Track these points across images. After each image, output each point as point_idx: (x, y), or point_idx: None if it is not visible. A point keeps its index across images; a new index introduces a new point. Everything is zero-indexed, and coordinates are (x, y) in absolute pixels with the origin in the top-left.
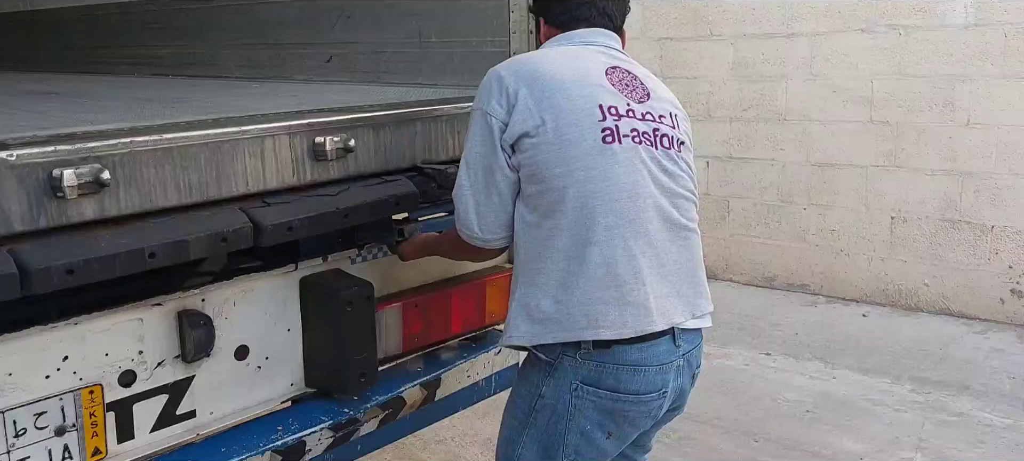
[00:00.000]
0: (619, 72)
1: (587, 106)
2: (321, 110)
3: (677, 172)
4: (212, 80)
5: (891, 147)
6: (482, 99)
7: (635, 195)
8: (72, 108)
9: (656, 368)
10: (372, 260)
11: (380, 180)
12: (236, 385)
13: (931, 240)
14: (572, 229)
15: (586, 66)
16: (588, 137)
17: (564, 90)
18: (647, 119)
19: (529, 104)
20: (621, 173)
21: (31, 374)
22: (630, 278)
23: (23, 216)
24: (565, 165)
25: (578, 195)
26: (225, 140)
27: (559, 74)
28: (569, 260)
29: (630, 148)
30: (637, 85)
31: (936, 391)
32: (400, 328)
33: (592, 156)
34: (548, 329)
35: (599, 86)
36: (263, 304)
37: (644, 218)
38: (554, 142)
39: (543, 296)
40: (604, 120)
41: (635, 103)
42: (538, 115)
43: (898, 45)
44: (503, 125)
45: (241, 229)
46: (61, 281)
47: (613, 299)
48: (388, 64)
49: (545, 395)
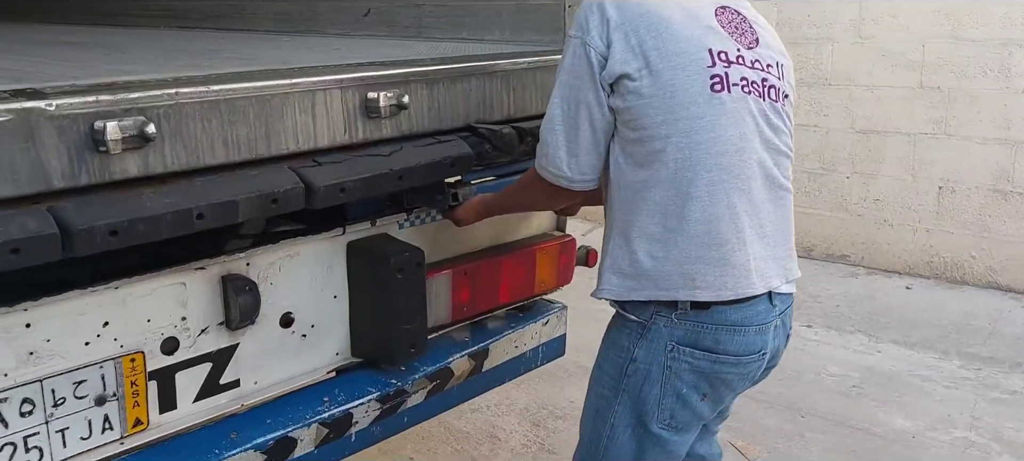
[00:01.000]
0: (729, 13)
1: (696, 50)
2: (373, 63)
3: (781, 127)
4: (241, 34)
5: (942, 114)
6: (580, 26)
7: (741, 150)
8: (102, 58)
9: (756, 328)
10: (420, 225)
11: (434, 140)
12: (281, 354)
13: (980, 211)
14: (672, 182)
15: (694, 5)
16: (696, 84)
17: (671, 30)
18: (756, 67)
19: (632, 42)
20: (728, 125)
21: (70, 340)
22: (732, 238)
23: (63, 172)
24: (669, 113)
25: (681, 146)
26: (275, 93)
27: (666, 10)
28: (667, 215)
29: (739, 98)
30: (747, 29)
31: (986, 367)
32: (449, 296)
33: (699, 105)
34: (642, 285)
35: (709, 28)
36: (309, 269)
37: (748, 175)
38: (657, 87)
39: (638, 250)
40: (713, 66)
41: (745, 49)
42: (641, 56)
43: (953, 7)
44: (602, 59)
45: (292, 190)
46: (104, 243)
47: (713, 259)
48: (430, 18)
49: (638, 358)
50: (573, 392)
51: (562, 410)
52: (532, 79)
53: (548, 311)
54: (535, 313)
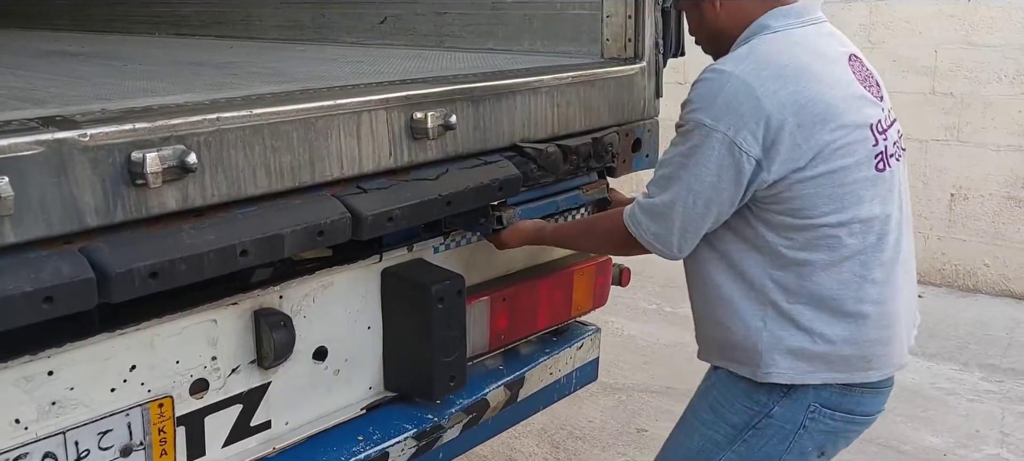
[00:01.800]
0: (855, 63)
1: (860, 131)
2: (417, 80)
3: (906, 181)
4: (247, 41)
5: (954, 120)
6: (726, 120)
7: (899, 223)
8: (118, 73)
9: (888, 390)
10: (456, 247)
11: (480, 161)
12: (313, 391)
13: (994, 218)
14: (849, 266)
15: (838, 70)
16: (864, 168)
17: (836, 115)
18: (892, 122)
19: (798, 140)
20: (889, 202)
21: (95, 387)
22: (899, 315)
23: (97, 208)
24: (838, 201)
25: (855, 231)
26: (320, 116)
27: (826, 92)
28: (844, 299)
29: (895, 169)
30: (871, 76)
31: (1009, 379)
32: (487, 324)
33: (866, 188)
34: (815, 368)
35: (862, 98)
36: (343, 300)
37: (903, 247)
38: (826, 178)
39: (810, 333)
40: (876, 144)
41: (881, 104)
42: (810, 151)
43: (966, 12)
44: (756, 163)
45: (339, 221)
46: (144, 286)
47: (885, 338)
48: (453, 27)
49: (775, 415)
50: (591, 411)
51: (581, 430)
52: (576, 95)
53: (582, 334)
54: (569, 337)
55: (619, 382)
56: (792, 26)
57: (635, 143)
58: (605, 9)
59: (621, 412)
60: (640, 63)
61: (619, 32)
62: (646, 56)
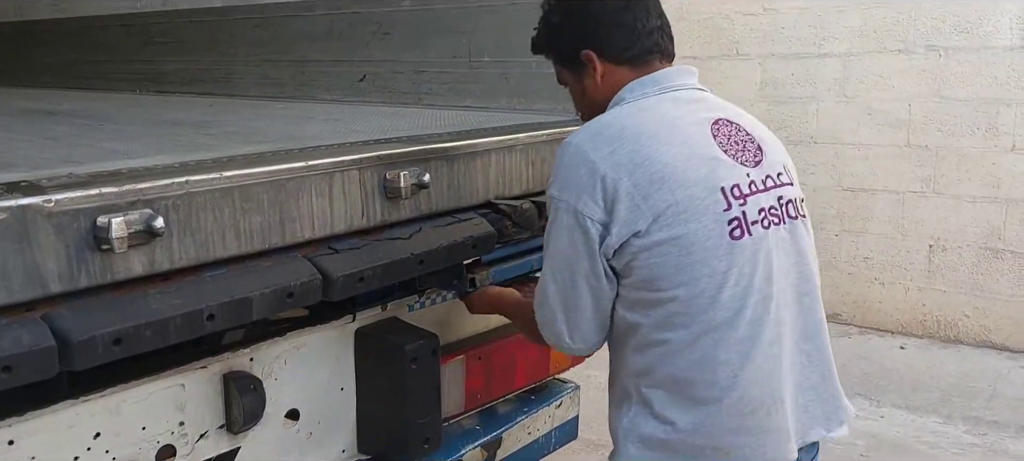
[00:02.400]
0: (724, 126)
1: (708, 194)
2: (391, 140)
3: (806, 248)
4: (227, 99)
5: (930, 172)
6: (568, 190)
7: (768, 297)
8: (93, 132)
9: None
10: (430, 305)
11: (453, 218)
12: (285, 455)
13: (972, 269)
14: (699, 344)
15: (692, 133)
16: (714, 235)
17: (676, 175)
18: (769, 187)
19: (636, 201)
20: (753, 274)
21: (58, 457)
22: (768, 399)
23: (61, 274)
24: (688, 272)
25: (704, 306)
26: (291, 177)
27: (665, 151)
28: (695, 383)
29: (760, 238)
30: (746, 140)
31: (993, 432)
32: (463, 384)
33: (720, 257)
34: (669, 459)
35: (715, 159)
36: (316, 361)
37: (780, 323)
38: (671, 245)
39: (661, 420)
40: (729, 209)
41: (753, 169)
42: (649, 213)
43: (938, 66)
44: (602, 228)
45: (309, 282)
46: (107, 353)
47: (749, 428)
48: (431, 84)
49: None
50: None
51: None
52: (551, 152)
53: (561, 392)
54: (547, 395)
55: (601, 438)
56: (647, 95)
57: None
58: None
59: None
60: None
61: None
62: None
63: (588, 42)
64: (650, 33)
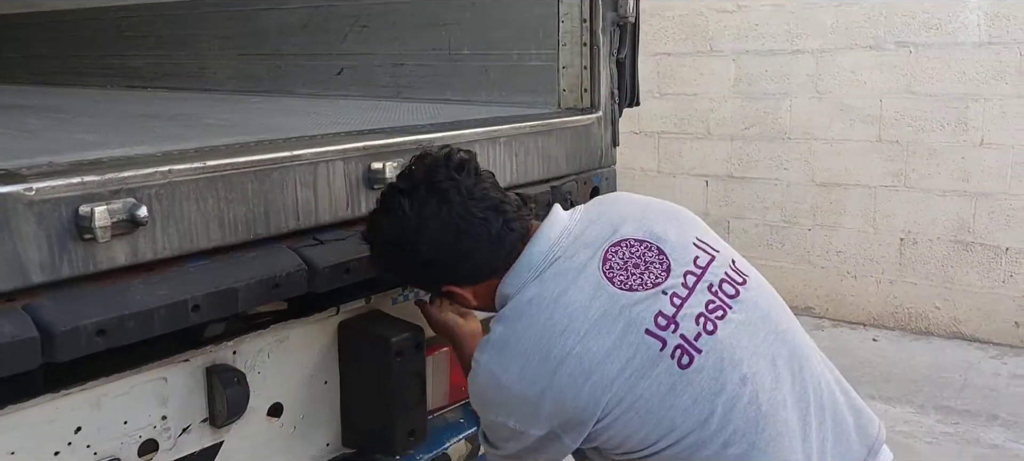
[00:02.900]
0: (611, 256)
1: (637, 350)
2: (375, 131)
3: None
4: (201, 94)
5: (901, 167)
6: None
7: (752, 401)
8: (65, 127)
9: None
10: (415, 297)
11: None
12: (268, 449)
13: (942, 262)
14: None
15: (585, 297)
16: (663, 381)
17: (597, 360)
18: (693, 284)
19: (577, 405)
20: (723, 387)
21: (38, 452)
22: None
23: (42, 264)
24: (651, 426)
25: (692, 444)
26: (275, 167)
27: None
28: None
29: (711, 348)
30: (643, 253)
31: (964, 421)
32: (447, 375)
33: (682, 393)
34: None
35: (623, 307)
36: (300, 354)
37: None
38: (628, 411)
39: None
40: (665, 345)
41: (666, 280)
42: (593, 406)
43: (909, 63)
44: (556, 437)
45: (295, 273)
46: (90, 344)
47: None
48: (410, 78)
49: None
50: None
51: None
52: (534, 144)
53: None
54: None
55: None
56: (526, 283)
57: (593, 191)
58: (561, 60)
59: None
60: (596, 113)
61: (575, 83)
62: (602, 106)
63: (442, 280)
64: (500, 238)
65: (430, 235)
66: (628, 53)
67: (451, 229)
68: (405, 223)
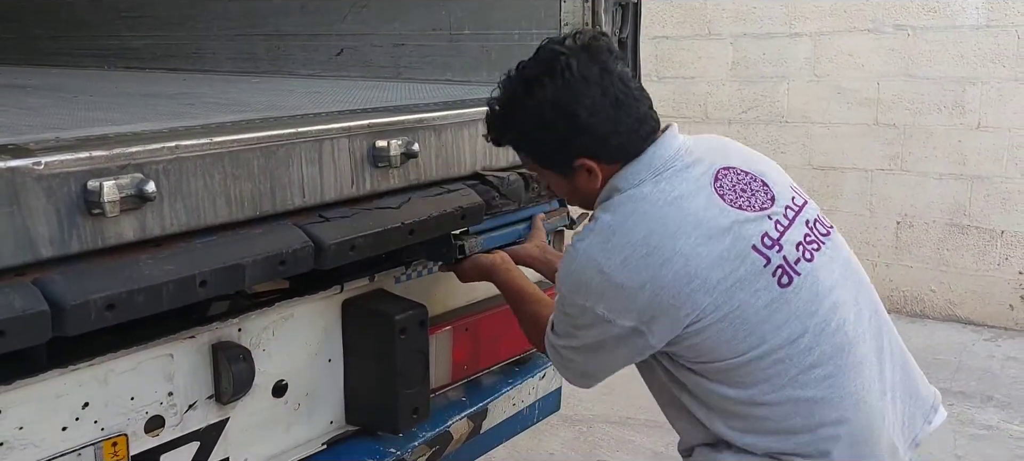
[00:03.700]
0: (730, 176)
1: (742, 263)
2: (379, 109)
3: (848, 257)
4: (200, 74)
5: (898, 150)
6: (591, 303)
7: (834, 323)
8: (68, 105)
9: None
10: (417, 277)
11: (442, 189)
12: (273, 426)
13: (938, 245)
14: (783, 400)
15: (696, 206)
16: (762, 296)
17: (703, 265)
18: (793, 218)
19: (675, 304)
20: (815, 311)
21: (45, 426)
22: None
23: (52, 238)
24: (752, 336)
25: (782, 358)
26: (281, 144)
27: (681, 243)
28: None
29: (809, 272)
30: (751, 181)
31: (959, 403)
32: (450, 355)
33: (778, 312)
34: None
35: (734, 222)
36: (304, 332)
37: (858, 340)
38: (719, 324)
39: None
40: (768, 262)
41: (771, 208)
42: (690, 307)
43: (906, 46)
44: (641, 333)
45: (301, 250)
46: (100, 319)
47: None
48: (410, 58)
49: None
50: (552, 443)
51: None
52: None
53: (544, 364)
54: (532, 367)
55: (579, 413)
56: (642, 182)
57: None
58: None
59: (582, 444)
60: None
61: None
62: None
63: (584, 152)
64: (643, 120)
65: (590, 101)
66: (630, 34)
67: (610, 98)
68: (572, 84)
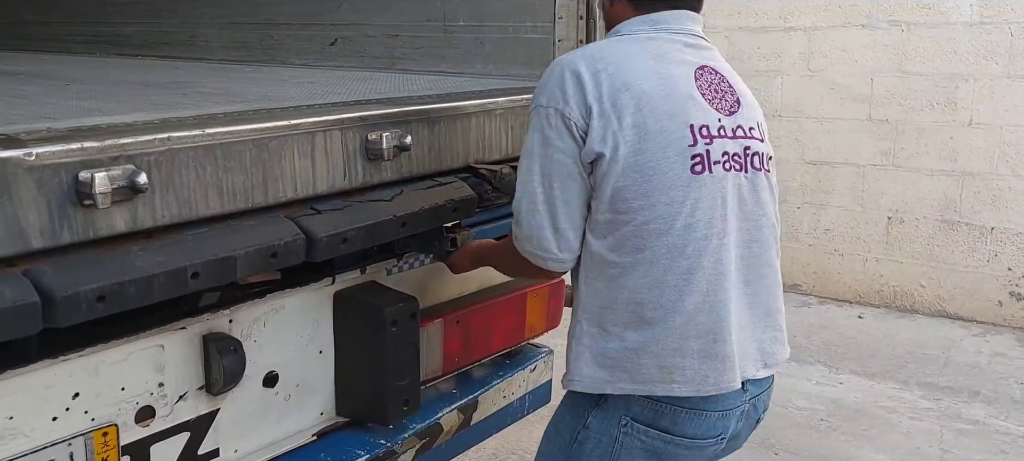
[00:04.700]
0: (708, 73)
1: (677, 128)
2: (372, 101)
3: (765, 199)
4: (193, 62)
5: (890, 146)
6: (554, 96)
7: (722, 233)
8: (59, 94)
9: (719, 414)
10: (408, 270)
11: (434, 182)
12: (264, 417)
13: (929, 241)
14: (650, 270)
15: (674, 71)
16: (676, 166)
17: (652, 105)
18: (738, 136)
19: (611, 118)
20: (708, 208)
21: (36, 417)
22: (713, 328)
23: (43, 229)
24: (647, 197)
25: (659, 231)
26: (273, 136)
27: (646, 82)
28: (644, 304)
29: (720, 177)
30: (727, 90)
31: (946, 397)
32: (441, 347)
33: (678, 188)
34: (616, 377)
35: (689, 98)
36: (295, 324)
37: (727, 259)
38: (636, 168)
39: (612, 339)
40: (694, 145)
41: (726, 117)
42: (620, 134)
43: (900, 42)
44: (582, 134)
45: (292, 242)
46: (91, 310)
47: (693, 351)
48: (404, 49)
49: (590, 426)
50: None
51: (532, 455)
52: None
53: (535, 357)
54: (522, 359)
55: None
56: (639, 32)
57: None
58: (557, 33)
59: None
60: None
61: None
62: None
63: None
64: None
65: None
66: None
67: None
68: None
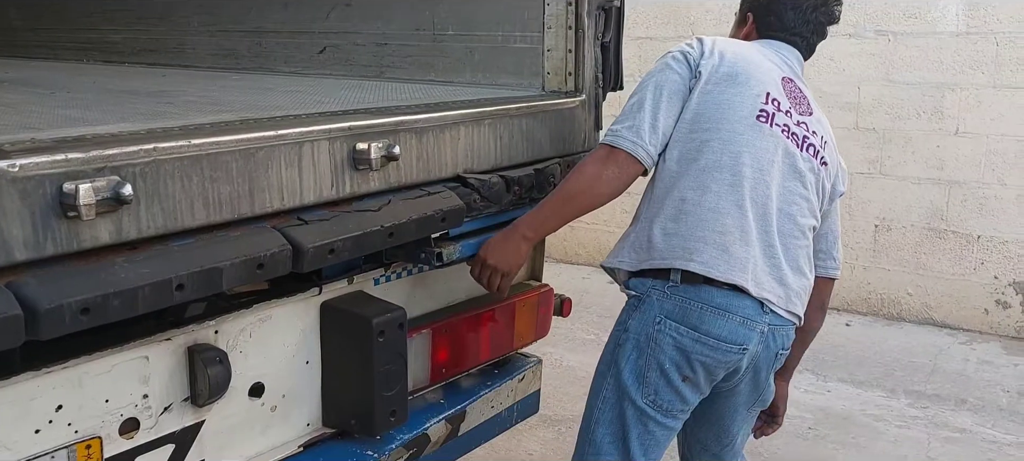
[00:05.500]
0: (792, 85)
1: (758, 85)
2: (360, 111)
3: (807, 177)
4: (181, 70)
5: (877, 154)
6: (682, 46)
7: (765, 172)
8: (45, 102)
9: (740, 319)
10: (396, 280)
11: (423, 191)
12: (249, 429)
13: (916, 249)
14: (699, 175)
15: (769, 66)
16: (746, 108)
17: (746, 69)
18: (801, 126)
19: (715, 61)
20: (760, 151)
21: (18, 429)
22: (737, 233)
23: (26, 241)
24: (716, 122)
25: (715, 150)
26: (260, 146)
27: (748, 57)
28: (685, 201)
29: (777, 135)
30: (804, 101)
31: (933, 405)
32: (429, 356)
33: (742, 124)
34: (648, 256)
35: (773, 82)
36: (281, 334)
37: (766, 196)
38: (715, 102)
39: (656, 230)
40: (766, 104)
41: (796, 112)
42: (716, 73)
43: (887, 51)
44: (696, 64)
45: (279, 253)
46: (74, 322)
47: (714, 241)
48: (393, 58)
49: (630, 328)
50: (531, 444)
51: None
52: (519, 127)
53: (523, 366)
54: (510, 369)
55: (558, 414)
56: (759, 46)
57: None
58: (546, 43)
59: (561, 444)
60: (580, 96)
61: (559, 66)
62: (586, 89)
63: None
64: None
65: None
66: (613, 37)
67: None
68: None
